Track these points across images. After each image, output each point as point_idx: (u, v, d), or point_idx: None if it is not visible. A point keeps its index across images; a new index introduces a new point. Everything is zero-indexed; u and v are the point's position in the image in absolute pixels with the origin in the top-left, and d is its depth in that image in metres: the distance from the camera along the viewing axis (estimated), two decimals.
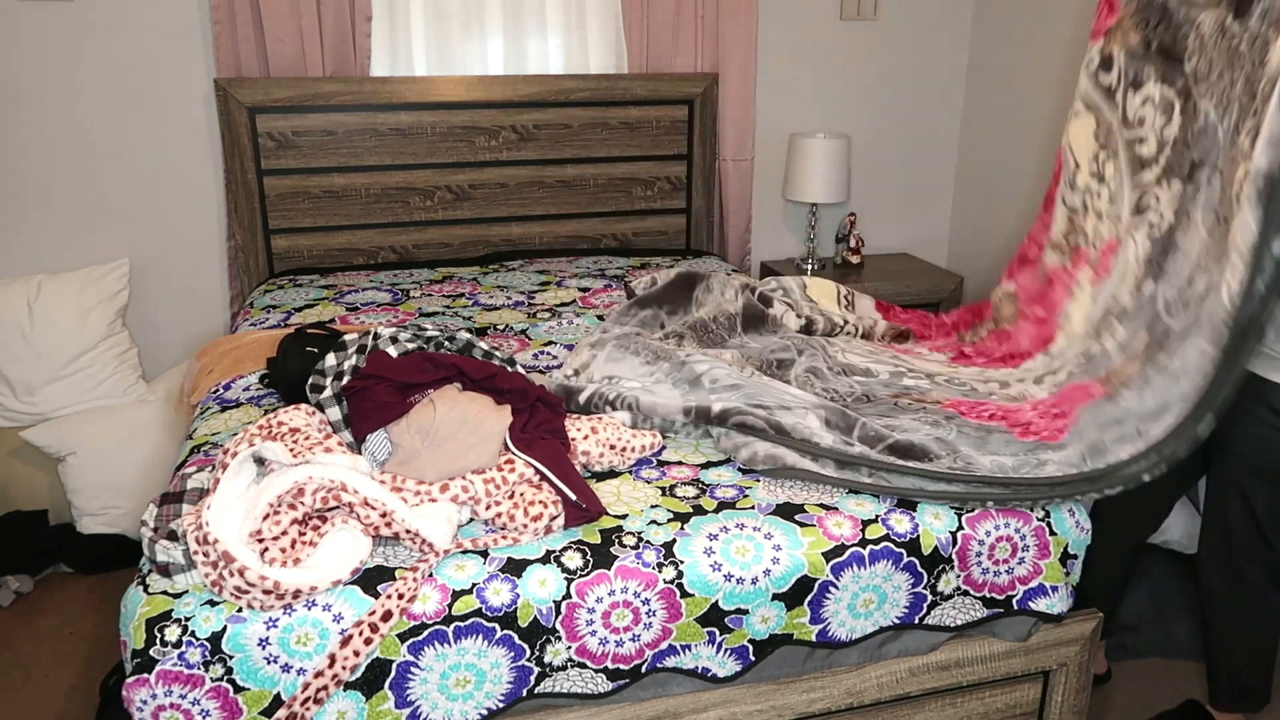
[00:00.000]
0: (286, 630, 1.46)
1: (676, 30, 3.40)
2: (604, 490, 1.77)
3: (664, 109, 3.40)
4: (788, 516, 1.70)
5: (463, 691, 1.55)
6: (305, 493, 1.51)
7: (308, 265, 3.23)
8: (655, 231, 3.53)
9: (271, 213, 3.16)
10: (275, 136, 3.09)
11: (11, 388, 2.90)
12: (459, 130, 3.24)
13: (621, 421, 1.91)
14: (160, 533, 1.55)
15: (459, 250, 3.36)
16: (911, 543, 1.70)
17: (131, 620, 1.46)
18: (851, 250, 3.69)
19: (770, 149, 3.68)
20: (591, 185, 3.43)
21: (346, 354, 1.89)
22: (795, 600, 1.65)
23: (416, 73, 3.28)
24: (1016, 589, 1.79)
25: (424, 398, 1.79)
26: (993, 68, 3.67)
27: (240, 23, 3.01)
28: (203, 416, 2.11)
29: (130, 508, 2.81)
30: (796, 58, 3.63)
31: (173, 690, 1.44)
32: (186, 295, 3.26)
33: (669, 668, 1.64)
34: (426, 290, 2.97)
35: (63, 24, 2.95)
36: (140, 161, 3.12)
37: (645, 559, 1.60)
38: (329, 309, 2.78)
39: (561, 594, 1.56)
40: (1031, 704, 1.91)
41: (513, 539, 1.61)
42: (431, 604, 1.52)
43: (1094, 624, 1.88)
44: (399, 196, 3.26)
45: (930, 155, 3.90)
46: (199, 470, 1.77)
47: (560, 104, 3.30)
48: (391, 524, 1.54)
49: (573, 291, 2.96)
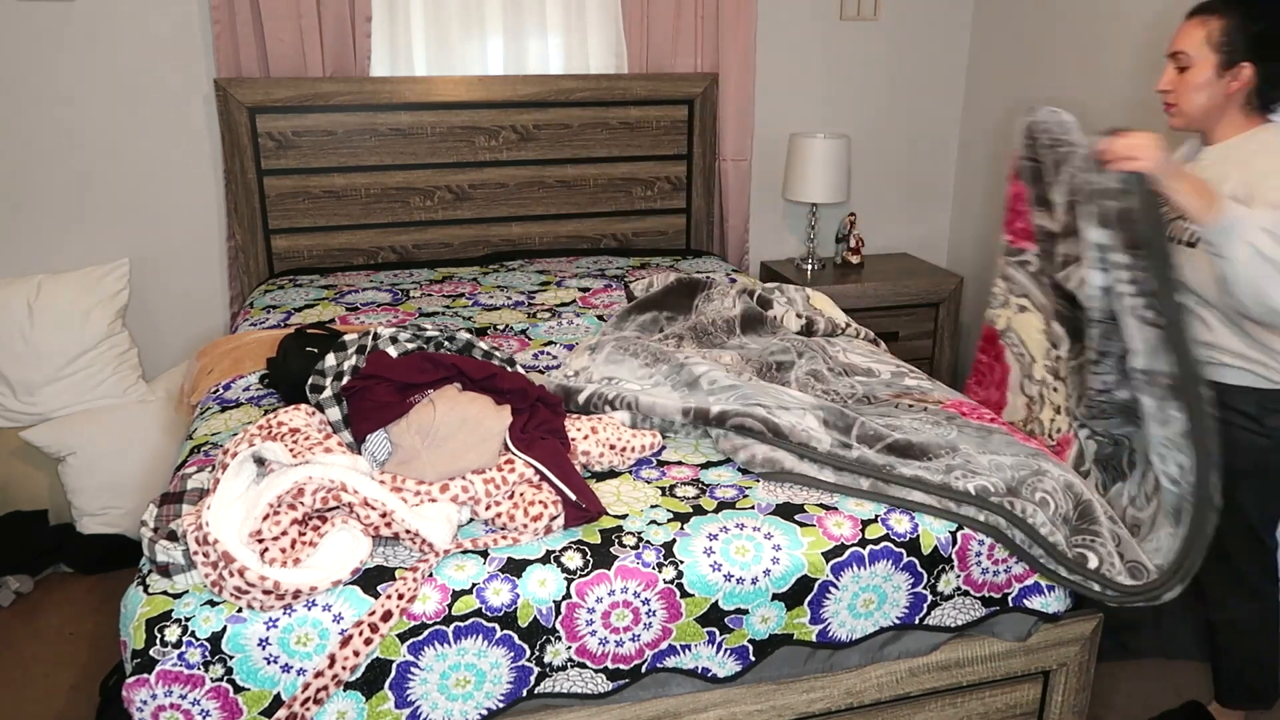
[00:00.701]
0: (286, 630, 1.46)
1: (676, 30, 3.40)
2: (604, 490, 1.77)
3: (664, 109, 3.40)
4: (788, 516, 1.70)
5: (463, 691, 1.55)
6: (305, 493, 1.51)
7: (308, 265, 3.23)
8: (655, 231, 3.53)
9: (271, 213, 3.16)
10: (275, 136, 3.09)
11: (11, 388, 2.90)
12: (459, 130, 3.24)
13: (621, 421, 1.91)
14: (160, 533, 1.55)
15: (459, 250, 3.36)
16: (911, 543, 1.70)
17: (131, 620, 1.46)
18: (851, 250, 3.69)
19: (770, 149, 3.68)
20: (591, 185, 3.43)
21: (346, 354, 1.89)
22: (795, 600, 1.65)
23: (416, 73, 3.28)
24: (1013, 586, 1.79)
25: (424, 398, 1.79)
26: (993, 68, 3.67)
27: (240, 23, 3.01)
28: (203, 416, 2.11)
29: (130, 508, 2.81)
30: (796, 58, 3.63)
31: (173, 690, 1.44)
32: (186, 295, 3.26)
33: (669, 668, 1.64)
34: (426, 290, 2.97)
35: (63, 24, 2.95)
36: (140, 161, 3.12)
37: (645, 559, 1.60)
38: (329, 309, 2.78)
39: (561, 594, 1.56)
40: (1031, 704, 1.91)
41: (513, 539, 1.61)
42: (431, 604, 1.52)
43: (1094, 624, 1.88)
44: (399, 196, 3.26)
45: (930, 155, 3.90)
46: (199, 470, 1.77)
47: (560, 104, 3.30)
48: (391, 524, 1.54)
49: (573, 291, 2.96)
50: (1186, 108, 1.93)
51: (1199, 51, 1.89)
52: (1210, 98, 1.90)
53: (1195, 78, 1.90)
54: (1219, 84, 1.89)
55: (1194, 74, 1.90)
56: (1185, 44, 1.91)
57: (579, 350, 2.23)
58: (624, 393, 1.95)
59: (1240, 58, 1.86)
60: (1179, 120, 1.97)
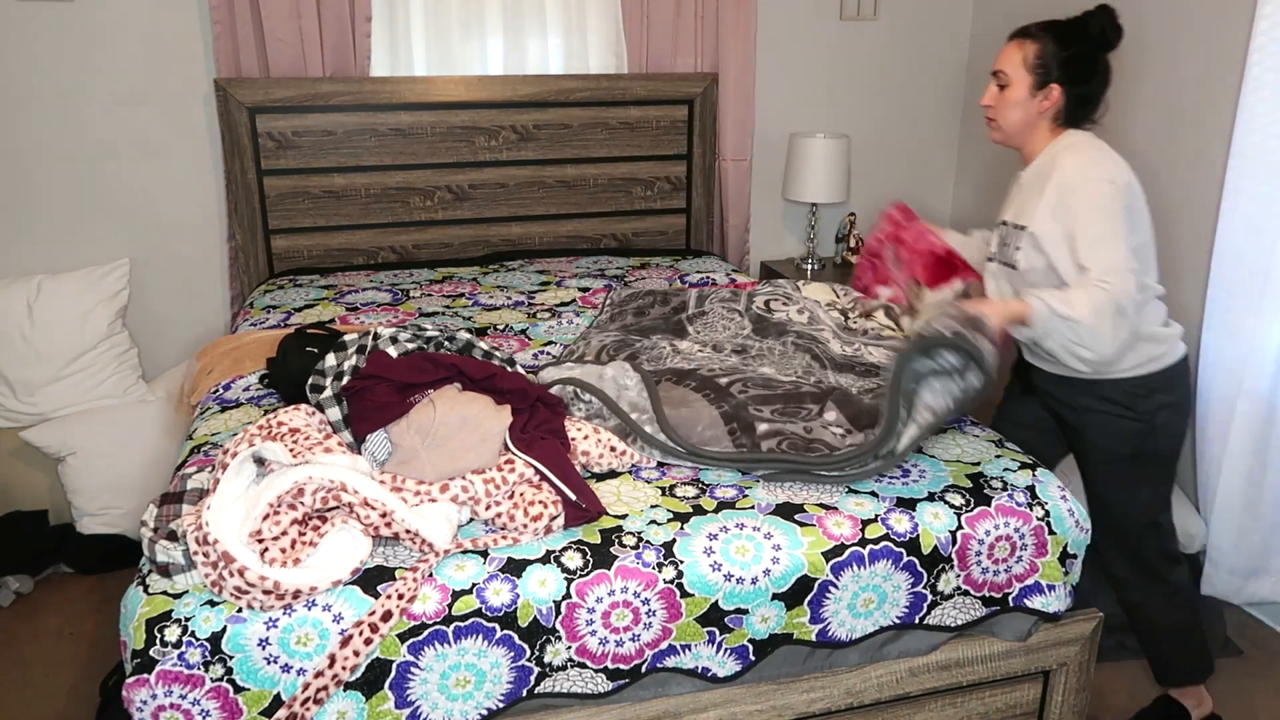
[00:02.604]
0: (286, 630, 1.46)
1: (676, 30, 3.39)
2: (604, 490, 1.77)
3: (664, 109, 3.40)
4: (787, 516, 1.70)
5: (463, 691, 1.55)
6: (305, 493, 1.51)
7: (308, 265, 3.23)
8: (655, 231, 3.53)
9: (271, 213, 3.16)
10: (275, 136, 3.09)
11: (11, 388, 2.90)
12: (459, 130, 3.24)
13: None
14: (160, 533, 1.55)
15: (459, 250, 3.36)
16: (911, 542, 1.70)
17: (131, 620, 1.46)
18: (851, 250, 3.69)
19: (770, 149, 3.68)
20: (591, 185, 3.42)
21: (346, 354, 1.89)
22: (795, 600, 1.65)
23: (416, 73, 3.28)
24: (1013, 586, 1.79)
25: (424, 398, 1.79)
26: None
27: (240, 23, 3.01)
28: (203, 416, 2.11)
29: (130, 508, 2.81)
30: (796, 58, 3.63)
31: (173, 690, 1.44)
32: (186, 295, 3.26)
33: (669, 668, 1.64)
34: (426, 290, 2.97)
35: (63, 24, 2.95)
36: (140, 161, 3.12)
37: (645, 559, 1.60)
38: (329, 309, 2.77)
39: (561, 594, 1.56)
40: (1031, 704, 1.91)
41: (513, 539, 1.61)
42: (431, 604, 1.52)
43: (1094, 624, 1.88)
44: (399, 196, 3.26)
45: (930, 155, 3.90)
46: (199, 470, 1.77)
47: (560, 104, 3.30)
48: (391, 524, 1.54)
49: (572, 291, 2.96)
50: (1004, 123, 2.08)
51: (1017, 72, 2.03)
52: (1025, 115, 2.05)
53: (1012, 96, 2.05)
54: (1032, 103, 2.03)
55: (1011, 92, 2.05)
56: (1005, 64, 2.05)
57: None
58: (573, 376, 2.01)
59: (1051, 79, 2.01)
60: (999, 135, 2.11)
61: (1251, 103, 2.39)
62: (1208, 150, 2.67)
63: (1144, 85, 2.89)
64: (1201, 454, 2.62)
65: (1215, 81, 2.64)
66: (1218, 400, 2.54)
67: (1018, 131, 2.07)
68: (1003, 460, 1.91)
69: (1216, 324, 2.54)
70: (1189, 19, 2.72)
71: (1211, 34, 2.65)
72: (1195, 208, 2.72)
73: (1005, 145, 2.13)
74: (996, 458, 1.92)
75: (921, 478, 1.84)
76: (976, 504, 1.77)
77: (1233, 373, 2.50)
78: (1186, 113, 2.75)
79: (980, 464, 1.89)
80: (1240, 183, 2.43)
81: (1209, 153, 2.66)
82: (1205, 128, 2.68)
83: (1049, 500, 1.81)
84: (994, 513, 1.76)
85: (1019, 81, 2.03)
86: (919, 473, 1.86)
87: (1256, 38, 2.37)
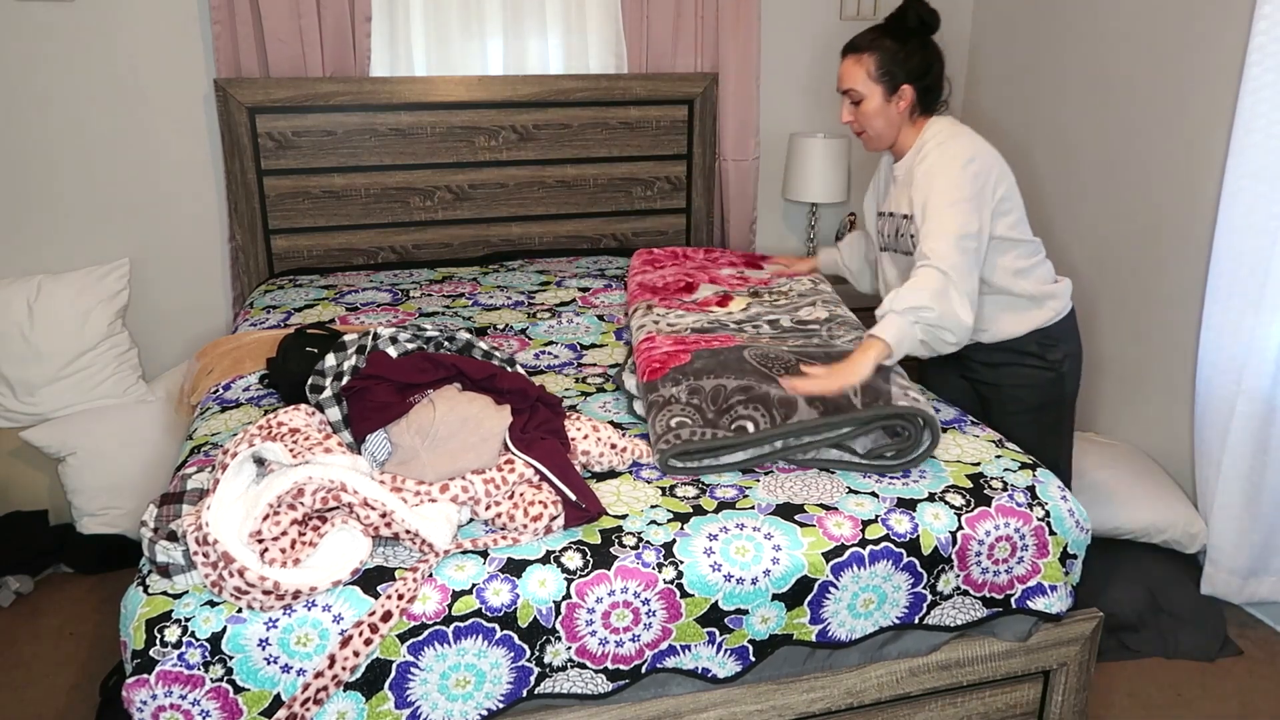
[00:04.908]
0: (286, 631, 1.46)
1: (676, 30, 3.39)
2: (604, 490, 1.77)
3: (664, 109, 3.40)
4: (787, 516, 1.70)
5: (463, 692, 1.55)
6: (305, 493, 1.51)
7: (308, 265, 3.23)
8: (655, 231, 3.53)
9: (271, 213, 3.16)
10: (275, 136, 3.09)
11: (11, 388, 2.90)
12: (459, 130, 3.24)
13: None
14: (160, 533, 1.55)
15: (459, 250, 3.36)
16: (911, 543, 1.70)
17: (131, 621, 1.46)
18: None
19: (770, 149, 3.68)
20: (591, 185, 3.43)
21: (346, 354, 1.89)
22: (795, 600, 1.65)
23: (416, 73, 3.28)
24: (1015, 588, 1.79)
25: (424, 398, 1.79)
26: (993, 68, 3.67)
27: (240, 23, 3.01)
28: (203, 417, 2.11)
29: (130, 508, 2.81)
30: (796, 58, 3.63)
31: (173, 691, 1.44)
32: (186, 295, 3.26)
33: (669, 668, 1.64)
34: (426, 290, 2.97)
35: (63, 24, 2.95)
36: (140, 161, 3.12)
37: (645, 559, 1.60)
38: (329, 309, 2.77)
39: (561, 594, 1.56)
40: (1031, 704, 1.91)
41: (513, 539, 1.61)
42: (431, 604, 1.52)
43: (1094, 624, 1.88)
44: (399, 196, 3.26)
45: None
46: (199, 470, 1.77)
47: (560, 104, 3.30)
48: (391, 524, 1.54)
49: (572, 291, 2.96)
50: (873, 132, 2.20)
51: (865, 85, 2.15)
52: (887, 120, 2.17)
53: (869, 107, 2.16)
54: (890, 107, 2.16)
55: (867, 104, 2.16)
56: (853, 82, 2.17)
57: None
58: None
59: (900, 81, 2.14)
60: (873, 144, 2.23)
61: (1251, 103, 2.40)
62: (1207, 150, 2.67)
63: (1144, 85, 2.89)
64: (1201, 454, 2.62)
65: (1214, 81, 2.64)
66: (1217, 400, 2.55)
67: (887, 135, 2.19)
68: (1003, 460, 1.91)
69: (1215, 323, 2.54)
70: (1189, 19, 2.73)
71: (1211, 34, 2.65)
72: (1194, 207, 2.72)
73: (882, 149, 2.25)
74: (997, 458, 1.92)
75: (922, 478, 1.84)
76: (977, 504, 1.78)
77: (1232, 372, 2.50)
78: (1186, 113, 2.75)
79: (980, 464, 1.89)
80: (1239, 182, 2.44)
81: (1208, 153, 2.67)
82: (1204, 128, 2.68)
83: (1049, 501, 1.82)
84: (994, 513, 1.76)
85: (871, 93, 2.15)
86: (919, 473, 1.86)
87: (1255, 38, 2.37)
